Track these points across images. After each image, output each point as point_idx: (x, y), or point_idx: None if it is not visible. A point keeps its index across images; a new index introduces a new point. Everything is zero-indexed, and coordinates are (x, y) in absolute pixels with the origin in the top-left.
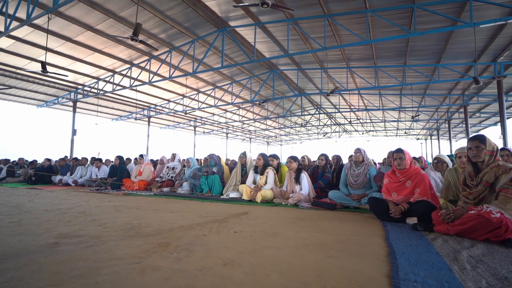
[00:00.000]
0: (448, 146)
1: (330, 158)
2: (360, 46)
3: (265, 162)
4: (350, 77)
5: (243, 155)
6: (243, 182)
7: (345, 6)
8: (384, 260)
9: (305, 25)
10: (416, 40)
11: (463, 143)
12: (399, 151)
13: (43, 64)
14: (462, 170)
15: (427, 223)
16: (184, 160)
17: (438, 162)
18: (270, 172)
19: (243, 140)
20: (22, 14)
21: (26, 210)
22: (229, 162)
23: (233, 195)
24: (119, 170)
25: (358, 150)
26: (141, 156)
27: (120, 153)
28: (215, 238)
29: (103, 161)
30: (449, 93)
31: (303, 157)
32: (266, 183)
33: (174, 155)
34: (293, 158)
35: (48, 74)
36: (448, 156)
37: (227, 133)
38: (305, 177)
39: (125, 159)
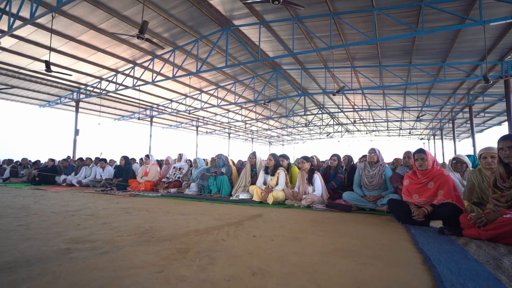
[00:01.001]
0: (451, 146)
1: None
2: (365, 45)
3: (276, 163)
4: (354, 76)
5: (253, 155)
6: (252, 183)
7: (351, 4)
8: (422, 268)
9: (310, 24)
10: (422, 39)
11: (466, 143)
12: (421, 151)
13: (47, 63)
14: (492, 172)
15: (454, 227)
16: (189, 160)
17: (458, 163)
18: (282, 173)
19: (245, 140)
20: (25, 13)
21: (33, 212)
22: (235, 163)
23: (243, 196)
24: (124, 171)
25: (372, 150)
26: (147, 156)
27: (122, 153)
28: (235, 243)
29: (107, 161)
30: (453, 93)
31: (312, 157)
32: (277, 184)
33: (180, 155)
34: (305, 158)
35: (52, 73)
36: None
37: (229, 133)
38: (318, 178)
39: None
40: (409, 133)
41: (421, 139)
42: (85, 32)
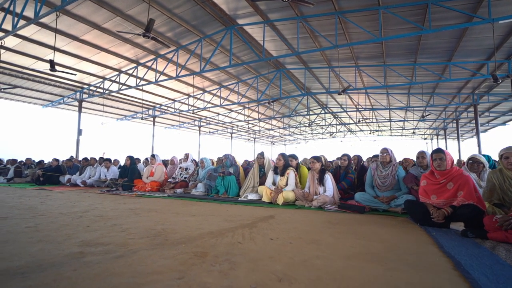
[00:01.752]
0: (455, 146)
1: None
2: (370, 44)
3: (286, 163)
4: (358, 76)
5: (261, 155)
6: (261, 183)
7: (357, 3)
8: (455, 274)
9: (314, 23)
10: (428, 38)
11: (469, 143)
12: (439, 151)
13: (52, 63)
14: None
15: (477, 229)
16: (194, 160)
17: (474, 163)
18: (291, 173)
19: (248, 140)
20: (29, 12)
21: (40, 213)
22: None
23: (251, 196)
24: (130, 171)
25: (385, 150)
26: (153, 156)
27: (125, 153)
28: (253, 246)
29: (112, 161)
30: (458, 92)
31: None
32: (286, 184)
33: (187, 155)
34: (316, 158)
35: (56, 73)
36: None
37: (231, 133)
38: (329, 178)
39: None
40: (413, 132)
41: (425, 139)
42: (88, 31)
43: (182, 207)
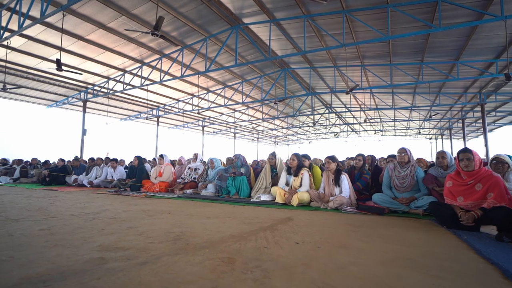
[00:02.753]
0: (460, 146)
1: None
2: (376, 43)
3: (299, 163)
4: (363, 75)
5: (273, 155)
6: (273, 184)
7: (365, 1)
8: (507, 283)
9: (321, 22)
10: (436, 36)
11: (473, 142)
12: (467, 150)
13: (58, 62)
14: None
15: None
16: (201, 160)
17: (498, 163)
18: (305, 174)
19: (251, 140)
20: (34, 12)
21: (51, 215)
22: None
23: (264, 197)
24: (138, 171)
25: (403, 150)
26: (162, 156)
27: (128, 153)
28: (280, 251)
29: (118, 161)
30: (465, 91)
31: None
32: (300, 185)
33: (196, 155)
34: (331, 158)
35: (61, 72)
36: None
37: (235, 133)
38: (345, 178)
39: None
40: (419, 132)
41: (430, 138)
42: (93, 31)
43: (195, 208)
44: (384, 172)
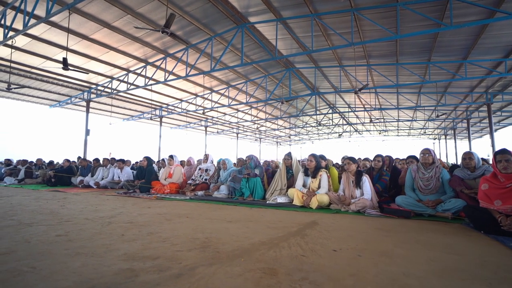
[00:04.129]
0: (464, 146)
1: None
2: (383, 43)
3: (317, 164)
4: (368, 75)
5: (289, 156)
6: (288, 185)
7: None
8: None
9: (327, 21)
10: (445, 35)
11: (476, 143)
12: (505, 151)
13: (65, 61)
14: None
15: None
16: (212, 161)
17: None
18: (324, 175)
19: (255, 140)
20: (39, 11)
21: (65, 218)
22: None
23: (281, 200)
24: (147, 172)
25: (427, 151)
26: (171, 157)
27: (131, 153)
28: (320, 260)
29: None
30: (471, 91)
31: (344, 158)
32: (319, 187)
33: (207, 156)
34: (351, 159)
35: (65, 72)
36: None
37: (237, 133)
38: (367, 180)
39: (134, 161)
40: (424, 132)
41: (435, 138)
42: (98, 30)
43: (211, 211)
44: (403, 173)
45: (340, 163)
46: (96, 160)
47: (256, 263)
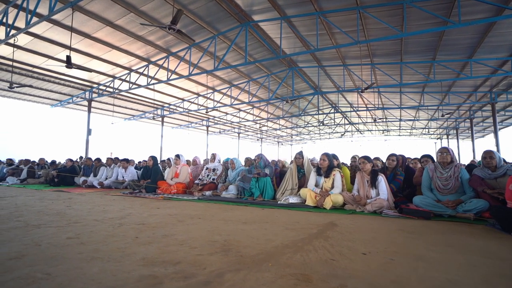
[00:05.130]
0: (467, 146)
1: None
2: (387, 41)
3: (330, 163)
4: (372, 74)
5: (300, 155)
6: (299, 185)
7: None
8: None
9: (332, 19)
10: (451, 34)
11: (479, 142)
12: None
13: (68, 59)
14: None
15: None
16: (220, 160)
17: None
18: (337, 175)
19: (257, 140)
20: (41, 9)
21: (73, 219)
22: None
23: (293, 200)
24: (153, 172)
25: (445, 149)
26: (178, 156)
27: (132, 153)
28: (352, 264)
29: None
30: (475, 90)
31: (353, 157)
32: (332, 187)
33: (214, 155)
34: (366, 159)
35: (66, 71)
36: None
37: (239, 133)
38: (383, 180)
39: (137, 161)
40: (428, 131)
41: (438, 138)
42: (100, 28)
43: (223, 212)
44: (418, 173)
45: (344, 162)
46: (97, 159)
47: (286, 268)
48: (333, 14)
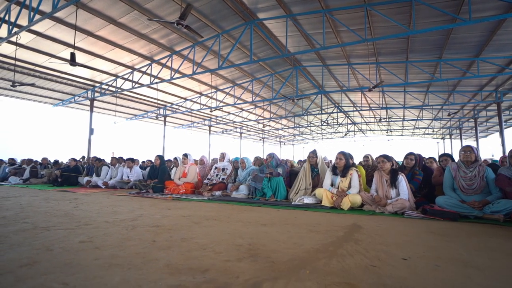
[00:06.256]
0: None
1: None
2: (394, 40)
3: (347, 162)
4: (376, 73)
5: (314, 154)
6: (314, 185)
7: None
8: None
9: (339, 17)
10: (459, 32)
11: (482, 142)
12: None
13: (73, 56)
14: None
15: None
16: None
17: None
18: (355, 174)
19: (259, 139)
20: (44, 7)
21: (83, 221)
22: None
23: (308, 200)
24: (160, 171)
25: (469, 148)
26: (186, 155)
27: (133, 153)
28: (397, 272)
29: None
30: (480, 89)
31: (366, 157)
32: (349, 186)
33: (223, 155)
34: (386, 157)
35: (69, 70)
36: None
37: (241, 133)
38: (403, 180)
39: (140, 160)
40: (432, 131)
41: (442, 138)
42: (104, 26)
43: (238, 213)
44: (436, 172)
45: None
46: (98, 160)
47: (327, 276)
48: (340, 12)
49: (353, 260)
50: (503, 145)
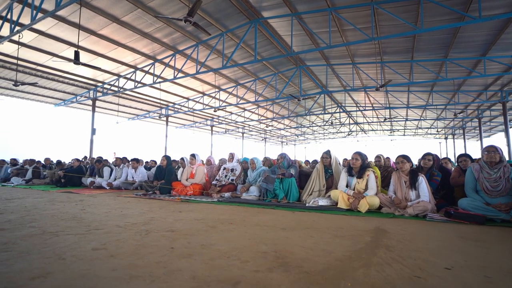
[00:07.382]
0: (474, 146)
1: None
2: (399, 38)
3: (363, 163)
4: (380, 72)
5: (327, 154)
6: (327, 186)
7: None
8: None
9: (345, 15)
10: (466, 30)
11: (484, 142)
12: None
13: (76, 54)
14: None
15: None
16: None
17: None
18: (371, 175)
19: (261, 139)
20: (47, 5)
21: (93, 225)
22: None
23: (323, 202)
24: (167, 172)
25: (493, 148)
26: (193, 156)
27: (135, 153)
28: (444, 283)
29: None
30: (485, 89)
31: (378, 157)
32: (366, 188)
33: (232, 155)
34: (405, 158)
35: (70, 69)
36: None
37: (243, 133)
38: (423, 181)
39: (142, 160)
40: (437, 131)
41: (446, 138)
42: (106, 25)
43: (252, 216)
44: (454, 173)
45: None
46: (98, 161)
47: None
48: (346, 10)
49: (393, 269)
50: (508, 145)
